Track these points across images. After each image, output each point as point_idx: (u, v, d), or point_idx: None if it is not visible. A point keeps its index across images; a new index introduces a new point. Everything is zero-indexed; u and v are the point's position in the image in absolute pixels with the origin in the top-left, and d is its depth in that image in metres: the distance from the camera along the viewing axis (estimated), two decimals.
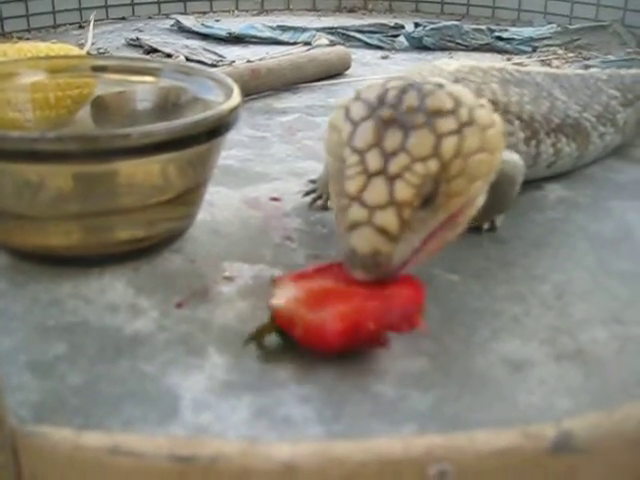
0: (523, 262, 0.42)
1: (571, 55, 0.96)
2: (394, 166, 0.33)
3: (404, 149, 0.33)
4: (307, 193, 0.50)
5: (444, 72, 0.45)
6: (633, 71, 0.61)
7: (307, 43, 1.00)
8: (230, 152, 0.59)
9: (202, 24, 1.09)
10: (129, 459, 0.28)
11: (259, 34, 1.02)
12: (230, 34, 1.01)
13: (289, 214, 0.48)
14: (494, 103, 0.43)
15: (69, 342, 0.34)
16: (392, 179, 0.33)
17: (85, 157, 0.35)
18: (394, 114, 0.34)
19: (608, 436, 0.29)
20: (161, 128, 0.37)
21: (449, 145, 0.34)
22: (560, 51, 0.98)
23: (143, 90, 0.50)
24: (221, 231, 0.46)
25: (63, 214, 0.40)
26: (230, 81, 0.44)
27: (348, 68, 0.86)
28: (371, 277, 0.32)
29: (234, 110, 0.40)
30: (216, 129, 0.39)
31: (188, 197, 0.42)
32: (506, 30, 1.03)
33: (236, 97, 0.42)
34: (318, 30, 1.04)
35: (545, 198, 0.51)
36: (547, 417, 0.30)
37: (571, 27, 1.05)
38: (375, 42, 1.01)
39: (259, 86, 0.76)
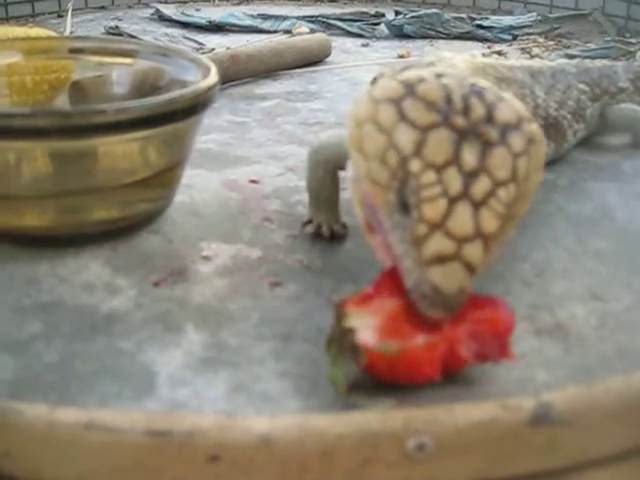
0: None
1: (551, 43, 0.96)
2: (478, 190, 0.28)
3: (485, 170, 0.29)
4: (305, 224, 0.43)
5: (459, 68, 0.40)
6: (599, 63, 0.60)
7: (287, 31, 0.99)
8: (209, 136, 0.59)
9: (182, 13, 1.08)
10: (104, 434, 0.27)
11: (239, 22, 1.02)
12: (210, 22, 1.01)
13: (268, 196, 0.48)
14: None
15: (45, 321, 0.34)
16: (477, 206, 0.28)
17: (60, 133, 0.35)
18: (467, 124, 0.29)
19: (588, 408, 0.29)
20: (137, 105, 0.36)
21: (522, 166, 0.30)
22: (540, 39, 0.98)
23: (121, 73, 0.49)
24: (199, 212, 0.45)
25: (39, 194, 0.39)
26: (208, 61, 0.44)
27: (328, 55, 0.86)
28: (449, 316, 0.29)
29: (211, 88, 0.40)
30: (193, 107, 0.39)
31: (165, 177, 0.42)
32: (487, 18, 1.03)
33: (213, 76, 0.41)
34: (299, 18, 1.04)
35: None
36: (526, 390, 0.29)
37: (551, 16, 1.05)
38: (356, 30, 1.01)
39: (239, 72, 0.75)
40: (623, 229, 0.44)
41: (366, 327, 0.28)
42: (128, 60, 0.49)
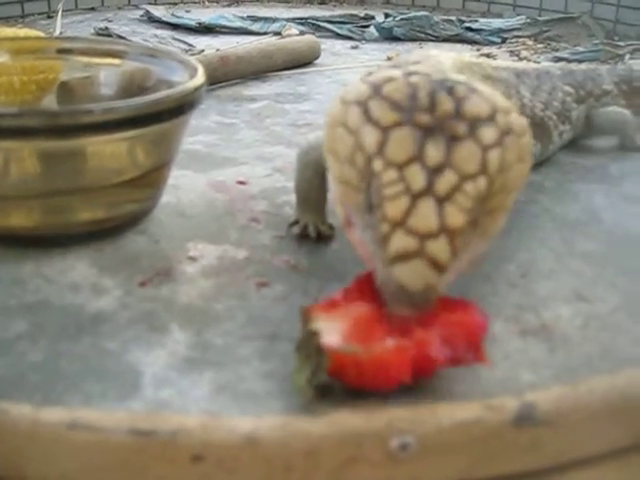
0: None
1: (540, 46, 0.97)
2: (442, 185, 0.28)
3: (450, 165, 0.28)
4: (291, 224, 0.43)
5: (443, 66, 0.39)
6: (583, 66, 0.61)
7: (277, 33, 0.99)
8: (197, 137, 0.59)
9: (172, 14, 1.08)
10: (88, 434, 0.27)
11: (229, 24, 1.02)
12: (200, 24, 1.01)
13: (255, 197, 0.48)
14: None
15: (30, 321, 0.34)
16: (441, 201, 0.28)
17: (48, 133, 0.35)
18: (432, 120, 0.29)
19: (572, 408, 0.29)
20: (124, 105, 0.36)
21: (494, 159, 0.29)
22: (529, 42, 0.98)
23: (108, 74, 0.49)
24: (186, 213, 0.45)
25: (25, 194, 0.39)
26: (195, 62, 0.44)
27: (318, 57, 0.86)
28: (417, 313, 0.28)
29: (198, 89, 0.40)
30: (179, 107, 0.39)
31: (152, 177, 0.42)
32: (476, 21, 1.04)
33: (200, 77, 0.41)
34: (288, 20, 1.04)
35: None
36: (510, 390, 0.30)
37: (540, 19, 1.06)
38: (345, 32, 1.01)
39: (228, 74, 0.75)
40: (609, 231, 0.45)
41: (331, 330, 0.28)
42: (116, 61, 0.49)
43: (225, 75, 0.75)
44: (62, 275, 0.38)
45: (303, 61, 0.84)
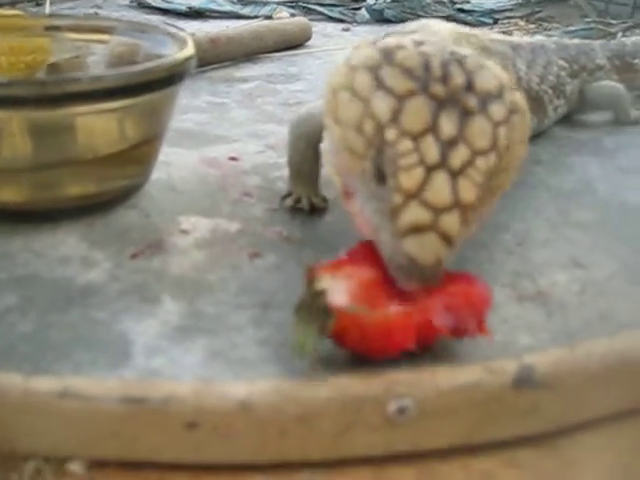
0: None
1: (532, 27, 0.96)
2: (456, 159, 0.28)
3: (463, 139, 0.28)
4: (284, 197, 0.43)
5: (441, 36, 0.40)
6: (577, 41, 0.61)
7: (268, 17, 0.98)
8: (188, 116, 0.58)
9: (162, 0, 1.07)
10: (79, 403, 0.27)
11: (219, 8, 1.01)
12: (190, 8, 1.00)
13: (248, 172, 0.47)
14: None
15: (20, 294, 0.33)
16: (455, 175, 0.27)
17: (36, 102, 0.34)
18: (445, 92, 0.28)
19: (570, 372, 0.29)
20: (113, 74, 0.36)
21: (503, 136, 0.29)
22: (521, 23, 0.98)
23: (97, 50, 0.48)
24: (178, 188, 0.45)
25: (15, 167, 0.39)
26: (185, 34, 0.43)
27: (309, 39, 0.85)
28: (424, 287, 0.28)
29: (187, 60, 0.39)
30: (169, 77, 0.38)
31: (142, 151, 0.41)
32: (467, 2, 1.03)
33: (190, 48, 0.41)
34: (279, 4, 1.03)
35: None
36: (509, 354, 0.29)
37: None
38: (336, 15, 1.00)
39: (219, 55, 0.74)
40: (604, 201, 0.44)
41: (338, 290, 0.27)
42: (104, 37, 0.48)
43: (216, 57, 0.74)
44: (52, 249, 0.37)
45: (294, 43, 0.83)
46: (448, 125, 0.28)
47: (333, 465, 0.28)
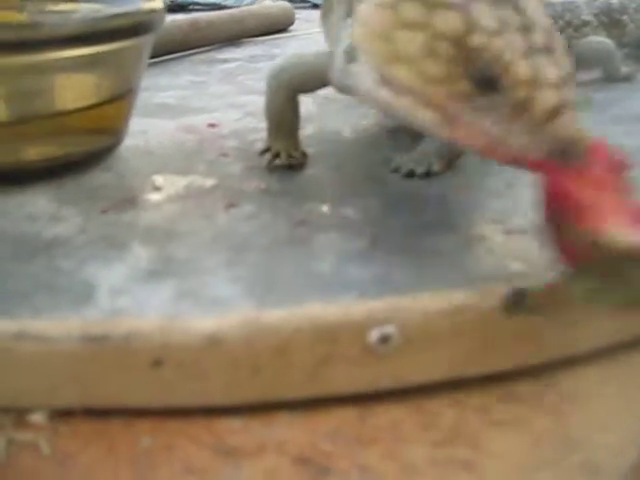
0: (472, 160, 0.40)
1: None
2: (541, 40, 0.27)
3: (532, 23, 0.28)
4: (262, 152, 0.41)
5: None
6: None
7: None
8: (168, 93, 0.57)
9: None
10: (36, 345, 0.25)
11: (202, 0, 1.00)
12: (172, 1, 0.99)
13: (226, 136, 0.46)
14: None
15: None
16: (548, 53, 0.27)
17: None
18: None
19: (567, 297, 0.27)
20: (75, 19, 0.34)
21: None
22: None
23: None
24: (154, 152, 0.43)
25: None
26: None
27: (291, 24, 0.84)
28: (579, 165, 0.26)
29: (153, 11, 0.38)
30: (134, 26, 0.36)
31: (112, 108, 0.39)
32: None
33: (157, 2, 0.39)
34: None
35: None
36: (500, 278, 0.27)
37: None
38: (321, 1, 0.98)
39: (200, 39, 0.73)
40: None
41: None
42: (73, 5, 0.46)
43: (197, 41, 0.73)
44: (19, 208, 0.35)
45: (277, 27, 0.82)
46: (514, 16, 0.28)
47: (313, 405, 0.26)
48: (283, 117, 0.40)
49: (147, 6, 0.38)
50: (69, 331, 0.25)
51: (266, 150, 0.40)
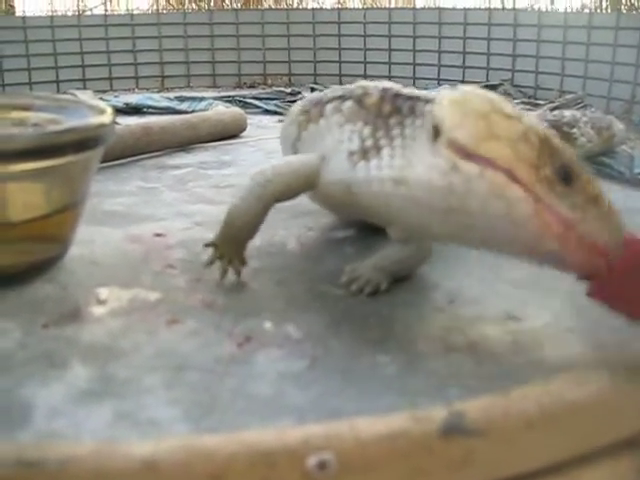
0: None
1: None
2: None
3: None
4: (210, 262, 0.40)
5: None
6: None
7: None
8: (116, 200, 0.57)
9: (100, 98, 1.07)
10: None
11: (156, 104, 1.01)
12: (127, 104, 1.00)
13: (173, 247, 0.46)
14: None
15: None
16: None
17: None
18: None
19: (504, 417, 0.27)
20: (24, 135, 0.35)
21: None
22: None
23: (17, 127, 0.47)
24: (99, 262, 0.43)
25: None
26: (105, 106, 0.42)
27: (244, 130, 0.85)
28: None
29: (103, 126, 0.38)
30: (82, 141, 0.37)
31: (57, 220, 0.39)
32: None
33: (108, 115, 0.40)
34: (216, 99, 1.03)
35: None
36: (437, 401, 0.27)
37: None
38: (272, 108, 1.01)
39: (151, 144, 0.74)
40: None
41: None
42: (24, 114, 0.47)
43: (149, 145, 0.73)
44: None
45: (229, 133, 0.83)
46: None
47: None
48: (250, 227, 0.39)
49: (96, 121, 0.38)
50: (3, 455, 0.24)
51: (214, 259, 0.40)
